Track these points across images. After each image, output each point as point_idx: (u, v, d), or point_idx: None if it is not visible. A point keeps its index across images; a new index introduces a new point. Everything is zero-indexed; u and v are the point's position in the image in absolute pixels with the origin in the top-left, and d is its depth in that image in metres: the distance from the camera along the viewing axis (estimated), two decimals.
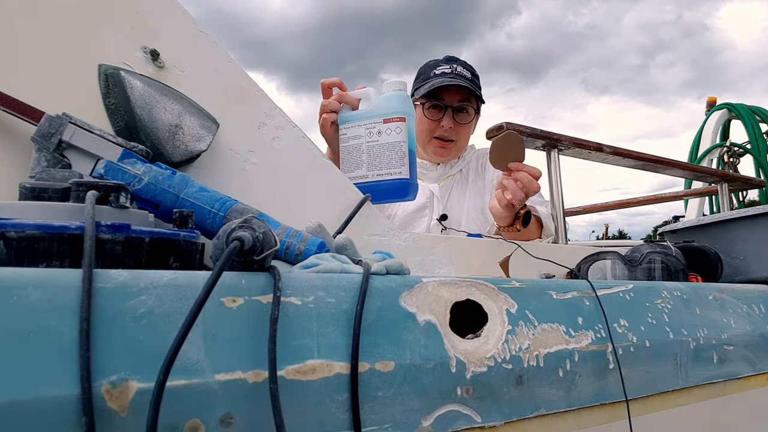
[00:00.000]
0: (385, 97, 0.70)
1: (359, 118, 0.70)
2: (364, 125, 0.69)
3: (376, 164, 0.68)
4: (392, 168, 0.67)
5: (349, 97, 0.72)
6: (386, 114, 0.68)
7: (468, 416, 0.41)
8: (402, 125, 0.68)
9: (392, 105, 0.68)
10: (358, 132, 0.70)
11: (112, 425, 0.27)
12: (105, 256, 0.34)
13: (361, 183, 0.68)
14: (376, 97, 0.70)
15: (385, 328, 0.39)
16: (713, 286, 0.72)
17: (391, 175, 0.67)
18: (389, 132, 0.67)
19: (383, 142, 0.68)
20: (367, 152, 0.68)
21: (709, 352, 0.64)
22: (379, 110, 0.69)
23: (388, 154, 0.67)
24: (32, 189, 0.37)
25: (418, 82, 1.11)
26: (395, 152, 0.67)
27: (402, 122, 0.68)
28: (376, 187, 0.68)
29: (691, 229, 1.04)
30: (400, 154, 0.67)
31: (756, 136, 2.62)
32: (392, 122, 0.68)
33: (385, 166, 0.68)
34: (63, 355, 0.27)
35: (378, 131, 0.68)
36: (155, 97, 0.51)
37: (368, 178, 0.68)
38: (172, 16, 0.56)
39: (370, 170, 0.68)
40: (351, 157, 0.70)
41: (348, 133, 0.71)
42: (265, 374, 0.32)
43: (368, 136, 0.69)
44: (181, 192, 0.47)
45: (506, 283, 0.49)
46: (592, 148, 0.96)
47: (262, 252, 0.35)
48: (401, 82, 0.70)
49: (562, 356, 0.48)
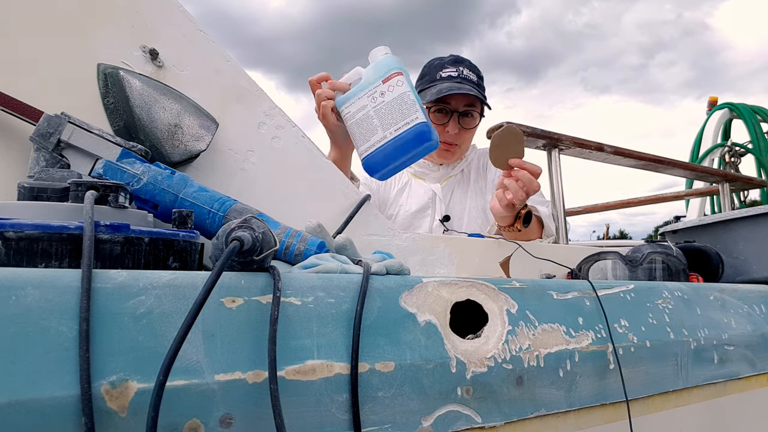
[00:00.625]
0: (375, 62, 0.70)
1: (358, 91, 0.70)
2: (365, 95, 0.69)
3: (390, 121, 0.67)
4: (407, 117, 0.66)
5: (340, 84, 0.72)
6: (382, 75, 0.68)
7: (468, 416, 0.41)
8: (401, 78, 0.68)
9: (385, 65, 0.68)
10: (362, 103, 0.69)
11: (112, 425, 0.27)
12: (104, 256, 0.33)
13: (382, 144, 0.67)
14: (366, 70, 0.70)
15: (385, 328, 0.39)
16: (714, 287, 0.72)
17: (409, 124, 0.66)
18: (392, 88, 0.67)
19: (389, 99, 0.67)
20: (377, 115, 0.68)
21: (710, 352, 0.64)
22: (375, 75, 0.69)
23: (398, 107, 0.67)
24: (31, 189, 0.37)
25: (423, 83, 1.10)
26: (405, 102, 0.67)
27: (400, 76, 0.68)
28: (398, 142, 0.66)
29: (692, 229, 1.04)
30: (409, 102, 0.67)
31: (757, 136, 2.61)
32: (391, 79, 0.68)
33: (400, 119, 0.66)
34: (62, 355, 0.27)
35: (381, 93, 0.68)
36: (154, 96, 0.51)
37: (387, 137, 0.67)
38: (171, 15, 0.56)
39: (386, 129, 0.67)
40: (363, 129, 0.69)
41: (351, 110, 0.70)
42: (265, 374, 0.32)
43: (372, 101, 0.68)
44: (181, 192, 0.47)
45: (506, 283, 0.49)
46: (593, 148, 0.96)
47: (262, 252, 0.35)
48: (383, 47, 0.71)
49: (562, 356, 0.48)
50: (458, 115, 1.06)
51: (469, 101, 1.06)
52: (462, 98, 1.05)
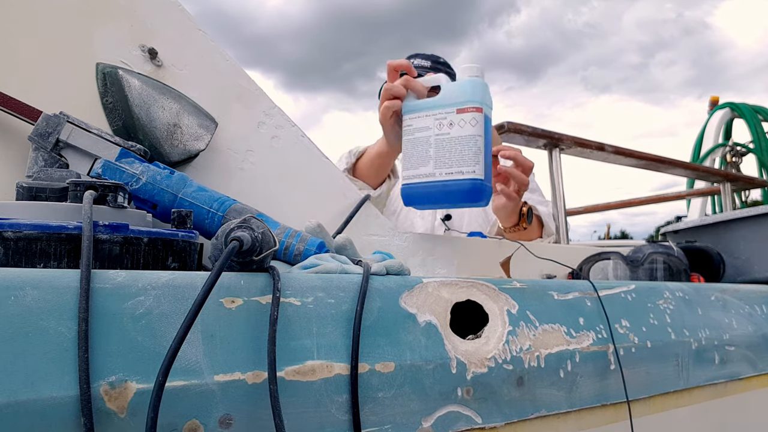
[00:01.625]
0: (459, 83, 0.60)
1: (428, 107, 0.60)
2: (433, 115, 0.60)
3: (446, 161, 0.58)
4: (464, 166, 0.57)
5: (417, 84, 0.63)
6: (460, 103, 0.58)
7: (468, 417, 0.41)
8: (478, 116, 0.58)
9: (467, 93, 0.59)
10: (426, 123, 0.60)
11: (111, 426, 0.27)
12: (103, 257, 0.33)
13: (427, 182, 0.60)
14: (448, 85, 0.61)
15: (385, 328, 0.39)
16: (715, 287, 0.72)
17: (463, 174, 0.57)
18: (462, 124, 0.58)
19: (455, 136, 0.58)
20: (436, 146, 0.59)
21: (711, 352, 0.64)
22: (452, 99, 0.59)
23: (459, 150, 0.58)
24: (30, 189, 0.37)
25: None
26: (469, 147, 0.57)
27: (478, 113, 0.58)
28: (445, 188, 0.59)
29: (693, 229, 1.04)
30: (474, 149, 0.57)
31: (759, 136, 2.61)
32: (466, 112, 0.58)
33: (455, 163, 0.58)
34: (61, 355, 0.27)
35: (449, 123, 0.58)
36: (153, 96, 0.51)
37: (435, 176, 0.59)
38: (170, 14, 0.56)
39: (438, 168, 0.59)
40: (416, 152, 0.61)
41: (414, 125, 0.61)
42: (265, 375, 0.32)
43: (438, 128, 0.59)
44: (180, 191, 0.47)
45: (507, 283, 0.49)
46: (593, 148, 0.96)
47: (261, 252, 0.35)
48: (477, 66, 0.60)
49: (563, 357, 0.48)
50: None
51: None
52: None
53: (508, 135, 0.87)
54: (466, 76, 0.61)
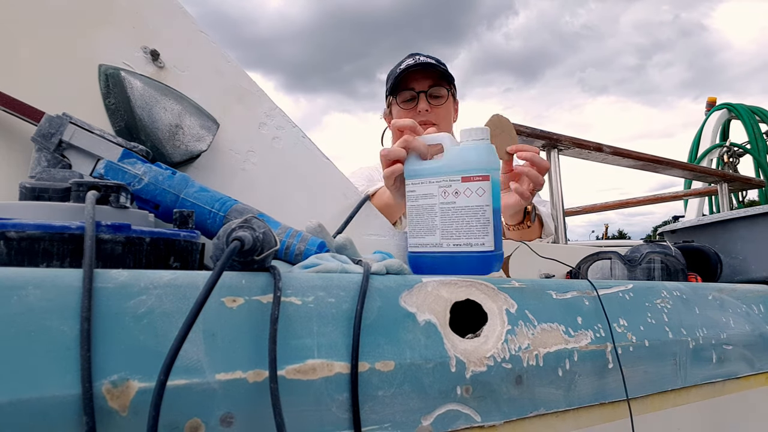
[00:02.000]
0: (465, 148, 0.57)
1: (431, 173, 0.58)
2: (437, 182, 0.57)
3: (453, 232, 0.56)
4: (472, 238, 0.55)
5: (418, 143, 0.60)
6: (465, 171, 0.56)
7: (468, 416, 0.41)
8: (485, 185, 0.55)
9: (472, 159, 0.56)
10: (430, 190, 0.57)
11: (113, 425, 0.27)
12: (105, 256, 0.34)
13: (434, 252, 0.57)
14: (453, 147, 0.58)
15: (385, 327, 0.39)
16: (713, 286, 0.73)
17: (471, 247, 0.55)
18: (469, 193, 0.55)
19: (461, 206, 0.56)
20: (441, 216, 0.57)
21: (709, 351, 0.64)
22: (457, 165, 0.56)
23: (467, 220, 0.55)
24: (32, 189, 0.37)
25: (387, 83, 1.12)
26: (476, 218, 0.55)
27: (485, 182, 0.55)
28: (453, 260, 0.56)
29: (690, 229, 1.04)
30: (482, 221, 0.55)
31: (756, 136, 2.62)
32: (472, 181, 0.55)
33: (463, 234, 0.56)
34: (63, 354, 0.27)
35: (455, 191, 0.56)
36: (155, 97, 0.51)
37: (443, 247, 0.57)
38: (172, 16, 0.56)
39: (445, 238, 0.56)
40: (421, 220, 0.58)
41: (417, 191, 0.59)
42: (266, 374, 0.32)
43: (443, 196, 0.57)
44: (182, 192, 0.47)
45: (506, 283, 0.49)
46: (591, 148, 0.96)
47: (263, 252, 0.35)
48: (482, 129, 0.58)
49: (561, 356, 0.48)
50: (425, 95, 1.07)
51: (433, 82, 1.07)
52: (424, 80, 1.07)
53: None
54: (469, 139, 0.58)
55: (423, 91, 1.06)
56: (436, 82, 1.07)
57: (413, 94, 1.07)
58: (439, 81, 1.08)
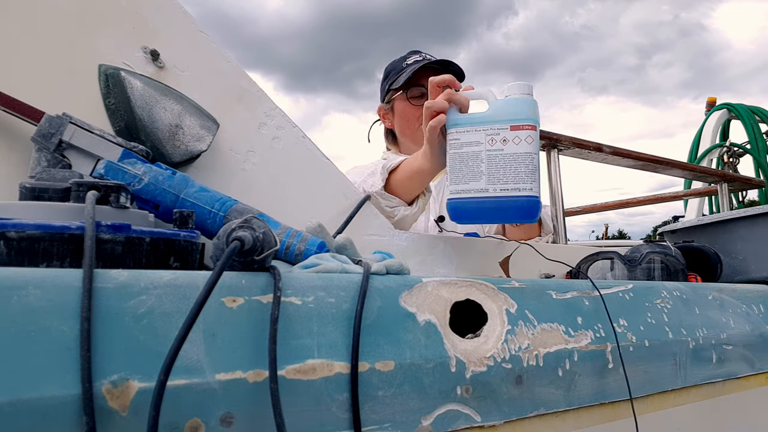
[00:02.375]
0: (513, 99, 0.60)
1: (478, 121, 0.60)
2: (483, 131, 0.59)
3: (500, 177, 0.58)
4: (520, 183, 0.57)
5: (461, 97, 0.62)
6: (515, 120, 0.58)
7: (468, 416, 0.41)
8: (533, 134, 0.58)
9: (522, 110, 0.59)
10: (476, 138, 0.59)
11: (113, 425, 0.27)
12: (105, 256, 0.34)
13: (479, 198, 0.59)
14: (497, 100, 0.60)
15: (385, 327, 0.39)
16: (713, 286, 0.73)
17: (519, 191, 0.57)
18: (518, 141, 0.58)
19: (509, 152, 0.58)
20: (488, 162, 0.58)
21: (709, 351, 0.64)
22: (505, 115, 0.59)
23: (515, 167, 0.58)
24: (32, 189, 0.37)
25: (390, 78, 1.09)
26: (525, 165, 0.57)
27: (533, 131, 0.58)
28: (499, 205, 0.58)
29: (690, 229, 1.04)
30: (531, 167, 0.58)
31: (756, 136, 2.62)
32: (522, 130, 0.58)
33: (511, 180, 0.58)
34: (64, 354, 0.27)
35: (503, 139, 0.58)
36: (155, 97, 0.51)
37: (488, 192, 0.58)
38: (172, 16, 0.56)
39: (492, 183, 0.58)
40: (465, 167, 0.60)
41: (461, 138, 0.60)
42: (266, 374, 0.32)
43: (489, 144, 0.59)
44: (181, 192, 0.47)
45: (506, 283, 0.49)
46: (591, 148, 0.96)
47: (262, 252, 0.35)
48: (528, 85, 0.61)
49: (561, 356, 0.48)
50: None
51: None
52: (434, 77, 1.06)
53: None
54: (517, 93, 0.60)
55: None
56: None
57: (423, 91, 1.04)
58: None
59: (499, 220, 0.62)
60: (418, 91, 1.05)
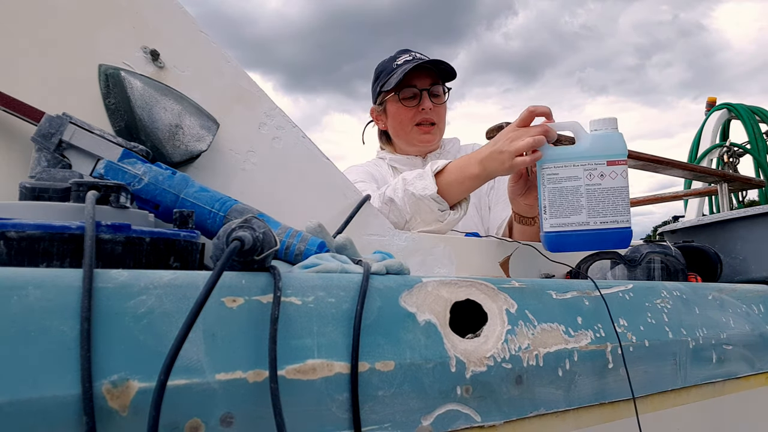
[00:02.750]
0: (606, 135, 0.64)
1: (574, 156, 0.63)
2: (582, 165, 0.63)
3: (600, 210, 0.63)
4: (618, 215, 0.62)
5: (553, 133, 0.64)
6: (610, 155, 0.63)
7: (468, 416, 0.41)
8: (626, 169, 0.64)
9: (617, 145, 0.63)
10: (574, 173, 0.63)
11: (113, 425, 0.27)
12: (105, 256, 0.34)
13: (581, 231, 0.63)
14: (587, 134, 0.64)
15: (385, 327, 0.39)
16: (713, 286, 0.72)
17: (618, 224, 0.62)
18: (614, 175, 0.63)
19: (607, 187, 0.63)
20: (588, 196, 0.63)
21: (709, 351, 0.64)
22: (601, 150, 0.63)
23: (612, 200, 0.62)
24: (32, 189, 0.37)
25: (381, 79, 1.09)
26: (621, 198, 0.63)
27: (625, 165, 0.64)
28: (599, 237, 0.63)
29: (690, 229, 1.04)
30: (626, 200, 0.63)
31: (756, 136, 2.62)
32: (617, 165, 0.63)
33: (610, 213, 0.63)
34: (64, 354, 0.27)
35: (600, 174, 0.63)
36: (155, 97, 0.51)
37: (590, 225, 0.63)
38: (172, 16, 0.56)
39: (592, 217, 0.63)
40: (565, 201, 0.63)
41: (560, 173, 0.64)
42: (266, 374, 0.32)
43: (588, 178, 0.63)
44: (181, 192, 0.47)
45: (506, 283, 0.49)
46: None
47: (263, 252, 0.35)
48: (614, 119, 0.65)
49: (561, 356, 0.48)
50: (427, 93, 1.05)
51: (432, 79, 1.06)
52: (425, 78, 1.05)
53: None
54: (608, 128, 0.64)
55: (426, 89, 1.05)
56: (435, 81, 1.06)
57: (416, 92, 1.05)
58: (438, 80, 1.07)
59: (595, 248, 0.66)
60: (410, 92, 1.06)
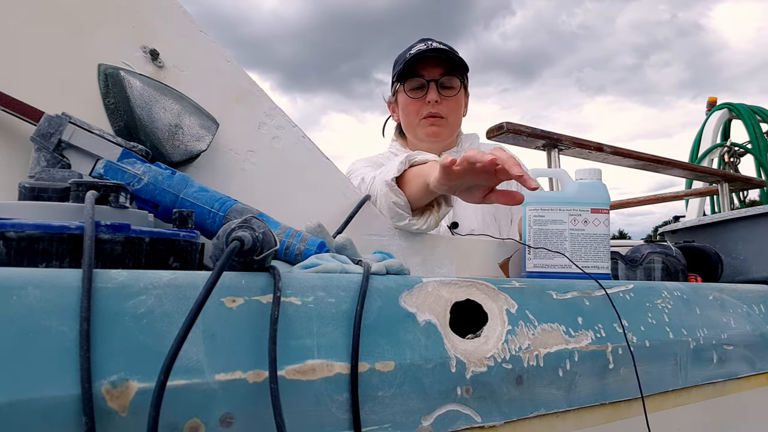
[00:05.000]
0: (591, 184, 0.68)
1: (560, 201, 0.67)
2: (567, 210, 0.67)
3: (582, 255, 0.66)
4: (599, 261, 0.66)
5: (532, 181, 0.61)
6: (594, 203, 0.67)
7: (468, 416, 0.41)
8: (608, 218, 0.67)
9: (601, 194, 0.68)
10: (560, 216, 0.67)
11: (113, 425, 0.27)
12: (105, 256, 0.34)
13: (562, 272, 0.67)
14: (573, 182, 0.69)
15: (385, 328, 0.39)
16: (713, 286, 0.72)
17: (598, 269, 0.66)
18: (597, 223, 0.66)
19: (589, 233, 0.66)
20: (571, 241, 0.67)
21: (709, 352, 0.64)
22: (586, 198, 0.67)
23: (594, 246, 0.66)
24: (32, 189, 0.37)
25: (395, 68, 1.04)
26: (603, 245, 0.66)
27: (608, 214, 0.67)
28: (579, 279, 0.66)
29: (691, 229, 1.04)
30: (606, 247, 0.67)
31: (757, 136, 2.62)
32: (600, 213, 0.67)
33: (591, 258, 0.66)
34: (63, 355, 0.27)
35: (584, 220, 0.67)
36: (155, 96, 0.51)
37: (572, 268, 0.66)
38: (171, 15, 0.56)
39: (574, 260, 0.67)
40: (549, 243, 0.68)
41: (546, 216, 0.68)
42: (266, 374, 0.32)
43: (572, 224, 0.67)
44: (181, 192, 0.47)
45: (506, 283, 0.49)
46: (592, 148, 0.96)
47: (262, 252, 0.35)
48: (599, 170, 0.69)
49: (561, 356, 0.48)
50: (436, 84, 0.98)
51: (445, 70, 0.98)
52: (435, 67, 0.98)
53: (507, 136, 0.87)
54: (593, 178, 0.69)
55: (434, 80, 0.97)
56: (448, 71, 0.98)
57: (422, 83, 0.98)
58: (452, 70, 0.98)
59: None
60: (416, 83, 0.99)
